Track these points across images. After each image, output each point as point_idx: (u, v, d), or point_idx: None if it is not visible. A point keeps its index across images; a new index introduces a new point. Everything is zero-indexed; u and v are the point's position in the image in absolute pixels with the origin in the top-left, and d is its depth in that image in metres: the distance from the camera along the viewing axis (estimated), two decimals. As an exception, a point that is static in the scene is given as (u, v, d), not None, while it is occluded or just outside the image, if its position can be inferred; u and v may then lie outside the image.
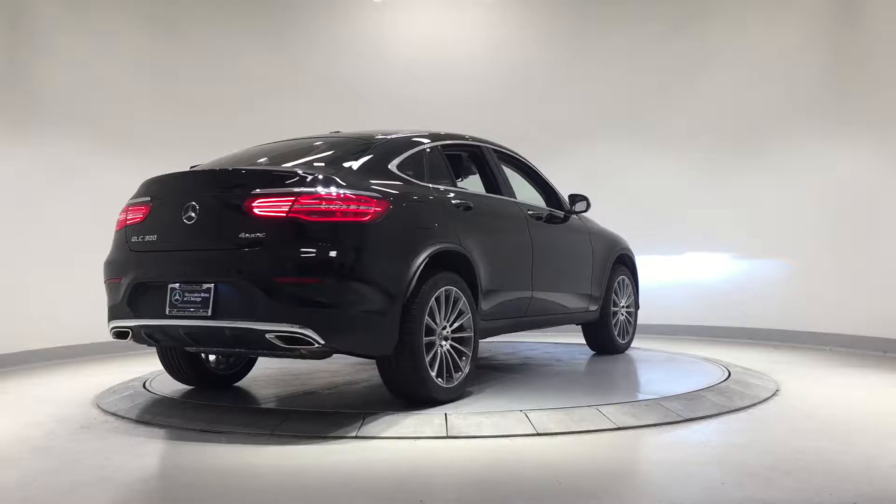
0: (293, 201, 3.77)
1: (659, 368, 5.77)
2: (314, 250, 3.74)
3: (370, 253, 3.88)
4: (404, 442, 3.69)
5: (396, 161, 4.37)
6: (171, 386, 5.07)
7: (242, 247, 3.80)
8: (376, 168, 4.24)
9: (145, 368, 5.86)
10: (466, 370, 4.42)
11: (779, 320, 7.81)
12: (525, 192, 5.78)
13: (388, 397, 4.46)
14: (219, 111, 8.25)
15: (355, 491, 3.08)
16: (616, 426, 3.91)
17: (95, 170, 7.27)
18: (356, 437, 3.75)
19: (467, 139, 5.24)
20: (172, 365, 4.86)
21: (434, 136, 4.87)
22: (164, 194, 4.20)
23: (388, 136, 4.62)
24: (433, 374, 4.15)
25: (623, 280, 6.51)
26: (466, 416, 3.96)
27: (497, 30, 9.15)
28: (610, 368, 5.76)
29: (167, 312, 3.96)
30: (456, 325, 4.36)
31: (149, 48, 8.01)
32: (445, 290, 4.26)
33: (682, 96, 8.51)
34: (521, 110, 8.87)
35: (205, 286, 3.86)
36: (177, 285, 3.95)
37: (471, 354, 4.45)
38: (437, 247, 4.21)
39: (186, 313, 3.90)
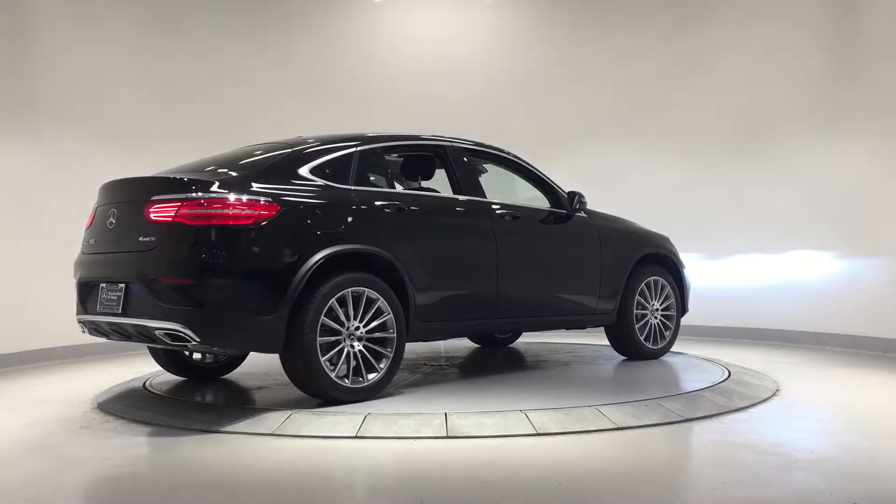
0: (179, 206, 4.02)
1: (659, 368, 5.75)
2: (193, 253, 3.97)
3: (250, 255, 4.04)
4: (404, 442, 3.69)
5: (310, 165, 4.45)
6: (170, 386, 5.09)
7: (141, 250, 4.13)
8: (283, 172, 4.35)
9: (145, 368, 5.86)
10: (384, 371, 4.43)
11: (778, 320, 7.81)
12: (530, 193, 5.74)
13: (389, 398, 4.47)
14: (219, 111, 8.24)
15: (356, 491, 3.09)
16: (616, 426, 3.91)
17: (96, 170, 7.21)
18: (356, 437, 3.75)
19: (424, 139, 5.20)
20: (155, 355, 5.18)
21: (375, 139, 4.87)
22: (102, 201, 4.62)
23: (316, 141, 4.70)
24: (333, 373, 4.21)
25: (656, 281, 6.11)
26: (466, 416, 3.96)
27: (498, 29, 9.15)
28: (612, 369, 5.74)
29: (98, 309, 4.39)
30: (373, 325, 4.39)
31: (149, 48, 8.01)
32: (354, 291, 4.30)
33: (682, 96, 8.50)
34: (522, 109, 8.86)
35: (119, 286, 4.24)
36: (104, 285, 4.36)
37: (391, 355, 4.46)
38: (338, 248, 4.26)
39: (107, 310, 4.30)
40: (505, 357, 6.46)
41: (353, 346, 4.32)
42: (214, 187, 4.08)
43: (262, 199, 4.12)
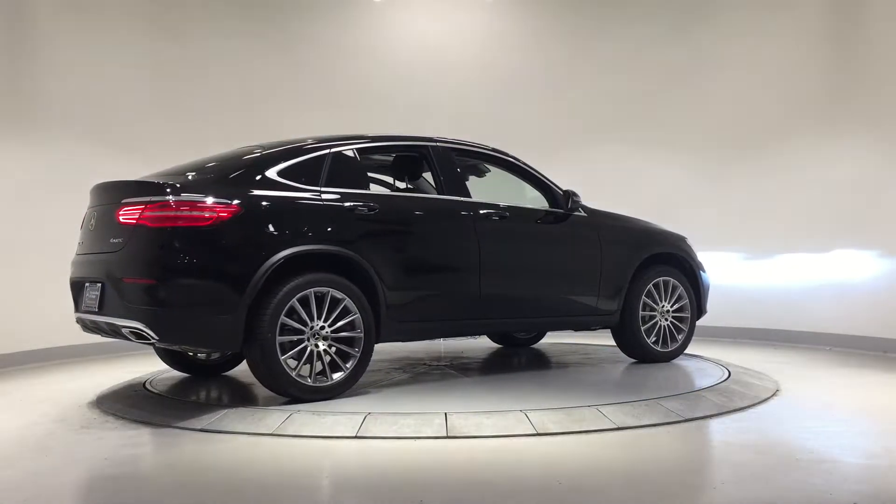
0: (143, 209, 4.17)
1: (659, 368, 5.73)
2: (152, 253, 4.12)
3: (207, 256, 4.15)
4: (404, 442, 3.70)
5: (277, 168, 4.49)
6: (170, 386, 5.09)
7: (111, 251, 4.30)
8: (249, 174, 4.41)
9: (145, 368, 5.86)
10: (349, 370, 4.46)
11: (778, 320, 7.81)
12: (533, 194, 5.71)
13: (389, 398, 4.47)
14: (220, 113, 8.23)
15: (356, 491, 3.09)
16: (616, 426, 3.91)
17: (96, 171, 7.19)
18: (357, 437, 3.75)
19: (406, 140, 5.18)
20: (159, 351, 5.29)
21: (352, 140, 4.87)
22: (90, 203, 4.79)
23: (287, 144, 4.73)
24: (294, 371, 4.29)
25: (667, 282, 5.92)
26: (466, 416, 3.96)
27: (497, 30, 9.14)
28: (615, 370, 5.71)
29: (82, 308, 4.60)
30: (339, 324, 4.41)
31: (150, 50, 7.99)
32: (317, 291, 4.34)
33: (682, 97, 8.50)
34: (522, 109, 8.85)
35: (97, 285, 4.41)
36: (88, 284, 4.54)
37: (358, 355, 4.48)
38: (300, 249, 4.30)
39: (89, 309, 4.49)
40: (509, 357, 6.45)
41: (317, 346, 4.36)
42: (178, 190, 4.16)
43: (222, 200, 4.19)
